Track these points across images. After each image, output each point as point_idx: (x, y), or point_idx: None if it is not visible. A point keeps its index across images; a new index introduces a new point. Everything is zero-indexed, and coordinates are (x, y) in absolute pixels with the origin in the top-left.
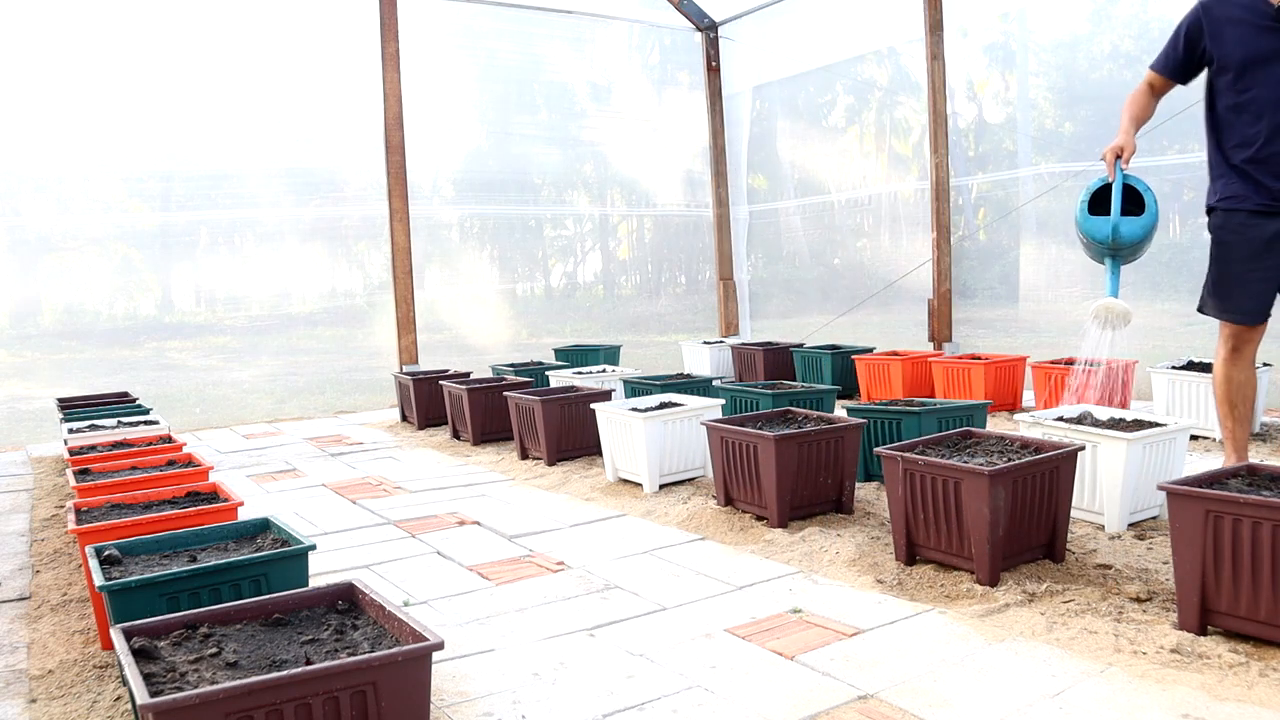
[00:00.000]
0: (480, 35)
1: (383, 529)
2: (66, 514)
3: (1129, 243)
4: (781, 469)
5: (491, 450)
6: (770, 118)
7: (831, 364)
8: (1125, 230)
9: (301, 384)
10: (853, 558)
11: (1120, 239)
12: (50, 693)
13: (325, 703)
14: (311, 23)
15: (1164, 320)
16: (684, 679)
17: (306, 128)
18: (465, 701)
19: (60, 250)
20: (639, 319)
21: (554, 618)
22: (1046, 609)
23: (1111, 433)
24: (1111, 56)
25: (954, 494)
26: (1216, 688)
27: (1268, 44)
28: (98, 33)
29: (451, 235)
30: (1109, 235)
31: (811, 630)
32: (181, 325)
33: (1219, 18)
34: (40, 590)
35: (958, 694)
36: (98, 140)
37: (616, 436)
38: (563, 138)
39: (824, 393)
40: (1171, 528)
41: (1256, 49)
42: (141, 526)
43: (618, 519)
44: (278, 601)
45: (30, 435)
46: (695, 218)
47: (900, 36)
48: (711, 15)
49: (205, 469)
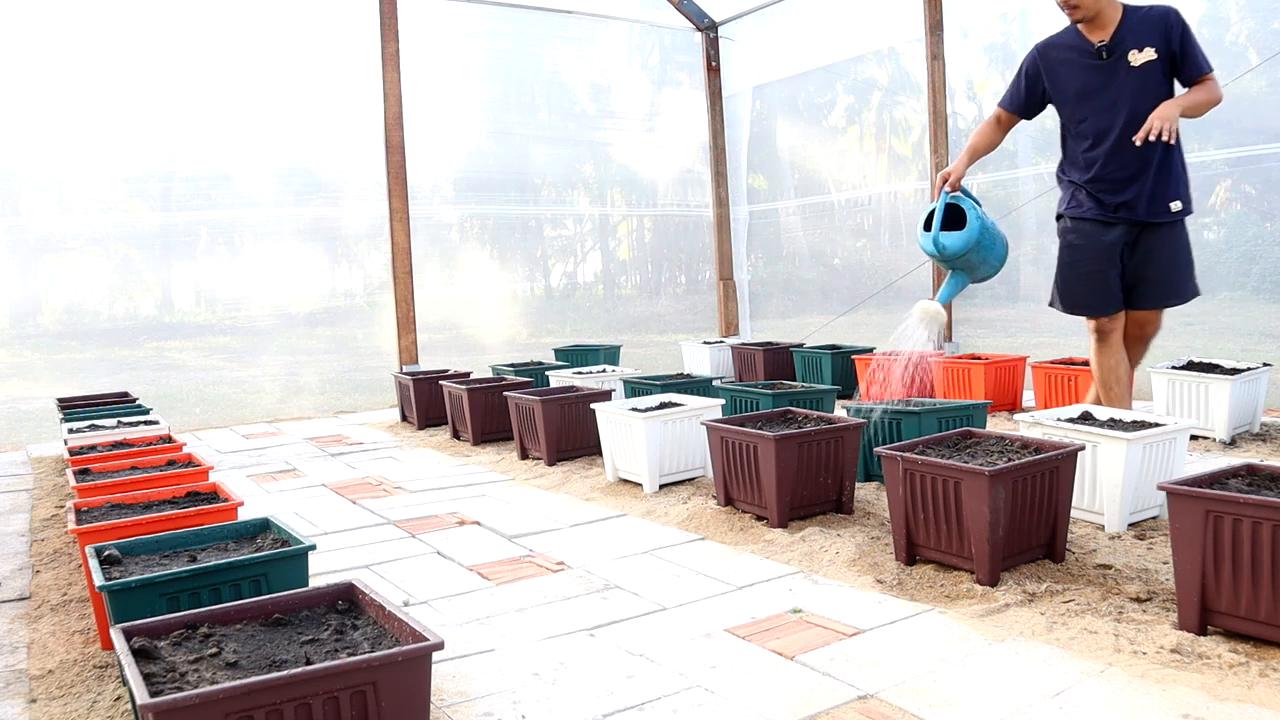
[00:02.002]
0: (480, 35)
1: (383, 529)
2: (66, 514)
3: (953, 254)
4: (781, 469)
5: (491, 450)
6: (770, 118)
7: (831, 364)
8: (948, 243)
9: (301, 384)
10: (853, 558)
11: (945, 250)
12: (50, 693)
13: (325, 703)
14: (311, 23)
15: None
16: (684, 679)
17: (307, 128)
18: (465, 701)
19: (60, 250)
20: (639, 319)
21: (554, 618)
22: (1046, 609)
23: (1111, 433)
24: None
25: (954, 494)
26: (1216, 688)
27: (1094, 79)
28: (98, 33)
29: (451, 235)
30: (934, 249)
31: (811, 630)
32: (181, 325)
33: (1052, 59)
34: (40, 590)
35: (958, 694)
36: (98, 140)
37: (616, 436)
38: (563, 138)
39: (824, 393)
40: (1171, 528)
41: (1085, 84)
42: (141, 526)
43: (618, 519)
44: (278, 601)
45: (30, 435)
46: (695, 218)
47: (900, 36)
48: (711, 15)
49: (205, 469)
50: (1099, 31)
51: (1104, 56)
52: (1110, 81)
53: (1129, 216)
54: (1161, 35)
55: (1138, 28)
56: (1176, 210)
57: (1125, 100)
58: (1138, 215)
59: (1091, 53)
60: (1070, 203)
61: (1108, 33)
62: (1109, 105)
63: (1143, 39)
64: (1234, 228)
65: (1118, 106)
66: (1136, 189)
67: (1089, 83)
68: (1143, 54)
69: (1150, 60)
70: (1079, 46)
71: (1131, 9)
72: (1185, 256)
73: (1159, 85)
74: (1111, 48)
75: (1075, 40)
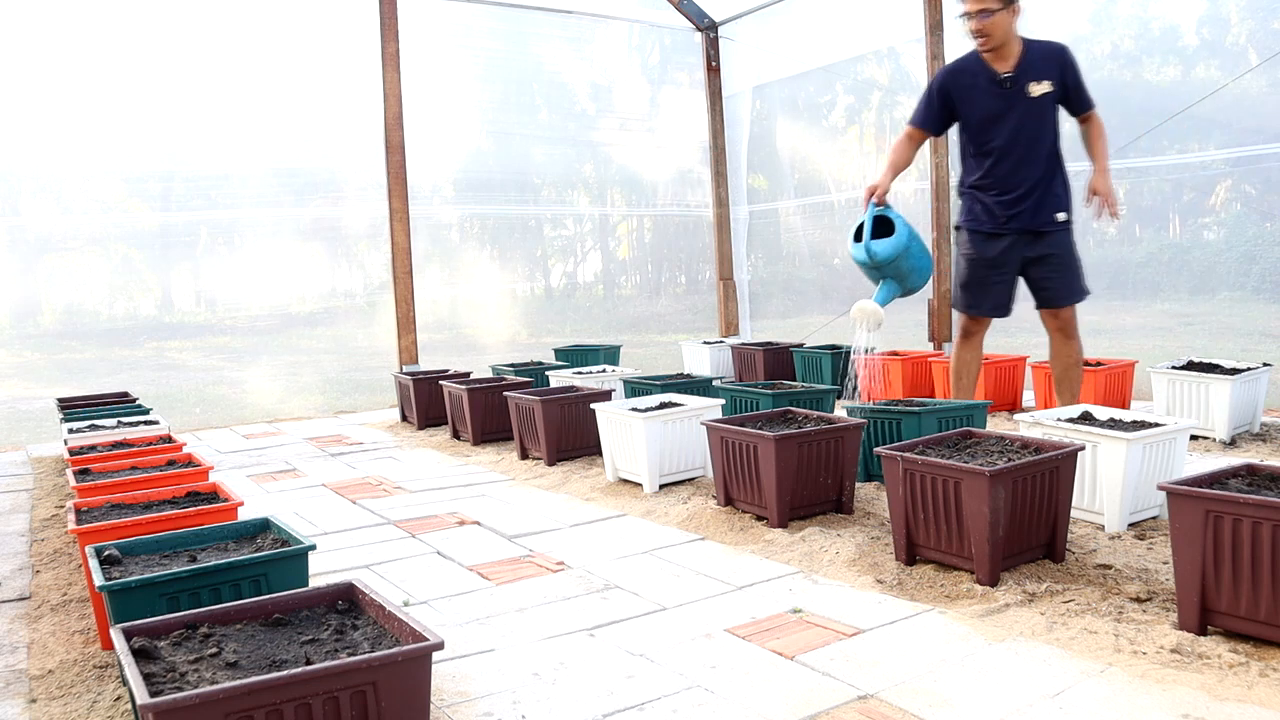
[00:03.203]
0: (480, 35)
1: (383, 529)
2: (66, 514)
3: (884, 260)
4: (781, 469)
5: (491, 450)
6: (770, 118)
7: (831, 364)
8: (879, 250)
9: (301, 384)
10: (853, 558)
11: (876, 256)
12: (50, 693)
13: (325, 703)
14: (311, 23)
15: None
16: (684, 679)
17: (307, 128)
18: (465, 701)
19: (60, 250)
20: (639, 319)
21: (554, 618)
22: (1046, 609)
23: (1111, 433)
24: (1112, 56)
25: (954, 494)
26: (1216, 688)
27: (997, 106)
28: (98, 33)
29: (451, 235)
30: (865, 256)
31: (811, 630)
32: (181, 325)
33: (962, 84)
34: (40, 590)
35: (958, 694)
36: (98, 140)
37: (616, 436)
38: (563, 138)
39: (824, 393)
40: (1171, 528)
41: (990, 110)
42: (141, 526)
43: (618, 519)
44: (278, 601)
45: (30, 435)
46: (695, 218)
47: (900, 36)
48: (711, 15)
49: (205, 469)
50: (1002, 63)
51: (1007, 86)
52: (1012, 109)
53: (1019, 226)
54: (1057, 70)
55: (1036, 62)
56: (1062, 220)
57: (1023, 126)
58: (1027, 225)
59: (997, 82)
60: (967, 215)
61: (1010, 65)
62: (1010, 130)
63: (1041, 73)
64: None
65: (1017, 131)
66: (1027, 202)
67: (993, 109)
68: (1040, 86)
69: (1047, 92)
70: (985, 75)
71: (1030, 43)
72: (1075, 261)
73: (1051, 113)
74: (1015, 79)
75: (981, 69)
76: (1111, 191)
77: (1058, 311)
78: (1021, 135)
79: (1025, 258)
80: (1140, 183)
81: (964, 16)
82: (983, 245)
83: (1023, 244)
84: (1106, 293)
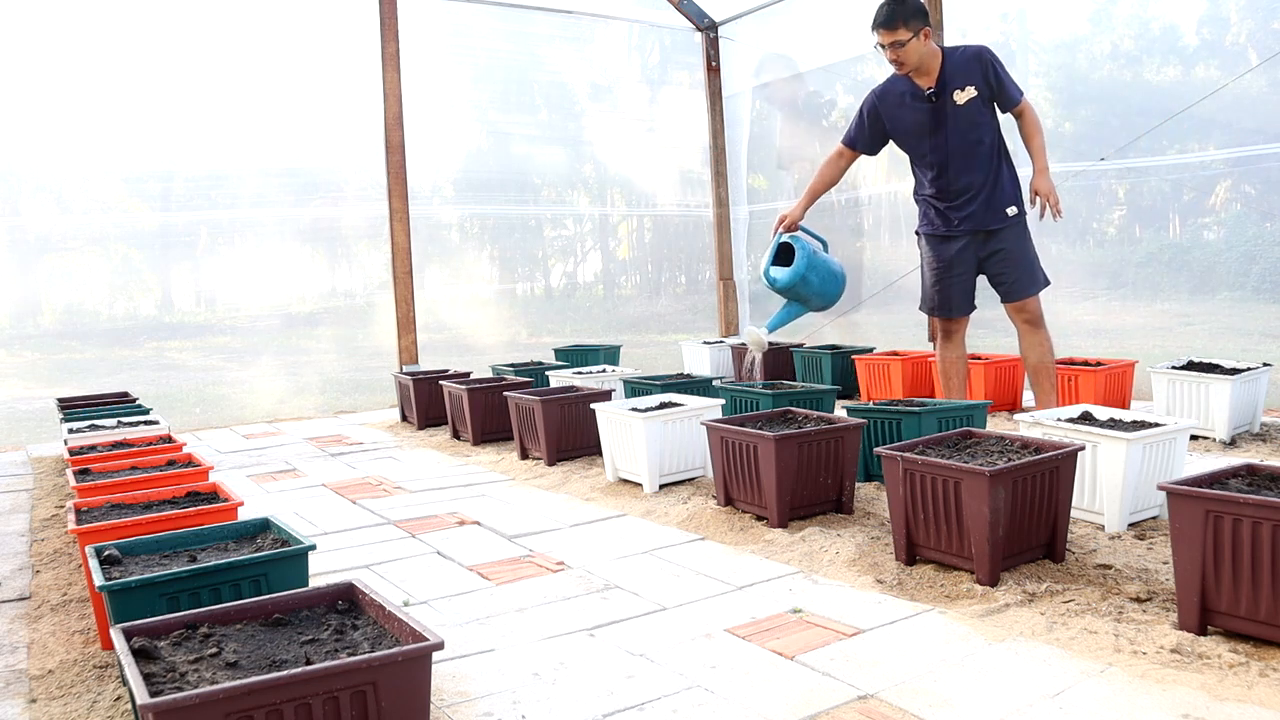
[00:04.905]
0: (480, 35)
1: (383, 529)
2: (66, 514)
3: (782, 287)
4: (781, 469)
5: (491, 450)
6: (770, 118)
7: (831, 364)
8: (777, 278)
9: (301, 384)
10: (853, 558)
11: (775, 283)
12: (50, 693)
13: (325, 703)
14: (311, 23)
15: (1164, 320)
16: (684, 679)
17: (306, 128)
18: (465, 701)
19: (60, 250)
20: (639, 319)
21: (554, 618)
22: (1046, 609)
23: (1111, 433)
24: (1112, 56)
25: (954, 494)
26: (1216, 688)
27: (928, 119)
28: (97, 33)
29: (451, 235)
30: (769, 282)
31: (811, 630)
32: (181, 325)
33: (890, 104)
34: (40, 590)
35: (958, 694)
36: (98, 140)
37: (616, 436)
38: (562, 138)
39: (824, 393)
40: (1171, 528)
41: (921, 124)
42: (141, 526)
43: (618, 519)
44: (278, 601)
45: (30, 435)
46: (695, 218)
47: None
48: (711, 15)
49: (205, 469)
50: (925, 79)
51: (933, 100)
52: (942, 120)
53: (972, 226)
54: (979, 74)
55: (957, 71)
56: (1012, 215)
57: (955, 133)
58: (979, 225)
59: (922, 97)
60: (923, 221)
61: (933, 79)
62: (943, 141)
63: (963, 79)
64: (1234, 228)
65: (950, 139)
66: (975, 204)
67: (924, 122)
68: (965, 93)
69: (972, 97)
70: (912, 92)
71: (949, 52)
72: (1030, 252)
73: (982, 115)
74: (938, 93)
75: (908, 87)
76: (1052, 191)
77: (1022, 304)
78: (957, 143)
79: (980, 256)
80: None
81: (879, 47)
82: (940, 248)
83: (976, 243)
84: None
